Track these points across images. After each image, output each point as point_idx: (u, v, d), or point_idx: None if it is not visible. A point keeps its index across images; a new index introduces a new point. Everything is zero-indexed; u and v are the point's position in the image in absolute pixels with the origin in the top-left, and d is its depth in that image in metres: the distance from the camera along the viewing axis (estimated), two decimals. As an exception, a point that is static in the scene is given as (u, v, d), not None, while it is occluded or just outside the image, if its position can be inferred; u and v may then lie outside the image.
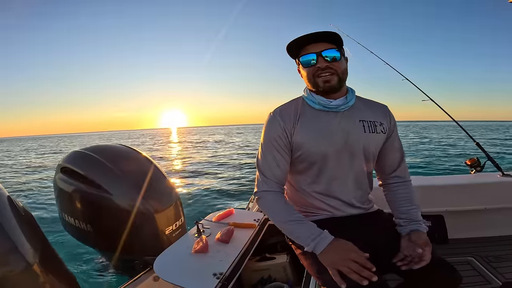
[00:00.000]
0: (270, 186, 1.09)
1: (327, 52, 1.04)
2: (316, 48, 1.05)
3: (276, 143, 1.10)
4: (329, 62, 1.05)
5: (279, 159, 1.10)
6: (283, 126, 1.09)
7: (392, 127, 1.18)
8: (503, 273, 1.67)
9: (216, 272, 1.07)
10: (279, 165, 1.10)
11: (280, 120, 1.10)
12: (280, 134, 1.09)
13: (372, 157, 1.15)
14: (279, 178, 1.10)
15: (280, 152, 1.10)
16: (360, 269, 0.87)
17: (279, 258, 1.47)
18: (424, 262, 0.95)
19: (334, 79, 1.06)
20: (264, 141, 1.12)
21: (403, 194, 1.17)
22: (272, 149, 1.10)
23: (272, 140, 1.10)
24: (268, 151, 1.11)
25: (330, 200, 1.14)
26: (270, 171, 1.10)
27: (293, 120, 1.10)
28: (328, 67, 1.05)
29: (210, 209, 5.32)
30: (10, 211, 1.12)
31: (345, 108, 1.10)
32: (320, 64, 1.05)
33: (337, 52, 1.05)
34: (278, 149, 1.10)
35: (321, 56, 1.05)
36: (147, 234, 1.60)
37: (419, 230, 1.05)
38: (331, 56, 1.05)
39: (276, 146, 1.10)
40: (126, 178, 1.61)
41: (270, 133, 1.11)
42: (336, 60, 1.05)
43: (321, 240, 0.96)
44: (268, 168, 1.10)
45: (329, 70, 1.05)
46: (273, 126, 1.10)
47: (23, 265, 1.02)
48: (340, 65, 1.07)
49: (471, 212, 2.05)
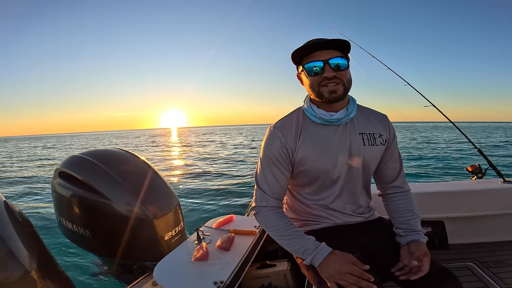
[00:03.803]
0: (268, 203, 1.07)
1: (334, 60, 0.99)
2: (324, 56, 1.00)
3: (276, 159, 1.07)
4: (336, 71, 1.00)
5: (278, 176, 1.08)
6: (283, 142, 1.06)
7: (392, 138, 1.16)
8: (503, 278, 1.67)
9: (217, 280, 1.06)
10: (279, 181, 1.08)
11: (281, 135, 1.06)
12: (280, 150, 1.06)
13: (372, 169, 1.15)
14: (277, 194, 1.09)
15: (280, 169, 1.08)
16: (358, 281, 0.86)
17: (279, 266, 1.46)
18: (422, 273, 0.94)
19: (340, 89, 1.01)
20: (263, 156, 1.10)
21: (402, 204, 1.16)
22: (272, 165, 1.08)
23: (271, 155, 1.07)
24: (267, 167, 1.08)
25: (331, 210, 1.13)
26: (269, 187, 1.08)
27: (295, 135, 1.07)
28: (335, 77, 1.00)
29: (210, 214, 5.29)
30: (7, 216, 1.11)
31: (346, 121, 1.08)
32: (328, 74, 0.99)
33: (344, 61, 1.00)
34: (278, 165, 1.07)
35: (328, 64, 0.99)
36: (146, 239, 1.58)
37: (418, 240, 1.05)
38: (339, 65, 1.00)
39: (275, 162, 1.07)
40: (124, 183, 1.60)
41: (270, 148, 1.08)
42: (343, 69, 1.01)
43: (318, 253, 0.95)
44: (267, 184, 1.08)
45: (335, 80, 1.00)
46: (274, 142, 1.07)
47: (21, 271, 1.01)
48: (347, 74, 1.02)
49: (472, 218, 2.05)
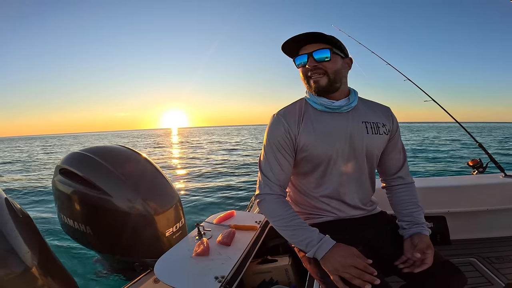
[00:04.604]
0: (272, 189, 1.07)
1: (317, 53, 1.04)
2: (309, 49, 1.05)
3: (280, 145, 1.07)
4: (317, 62, 1.04)
5: (282, 162, 1.08)
6: (287, 128, 1.07)
7: (395, 129, 1.17)
8: (505, 274, 1.67)
9: (218, 275, 1.06)
10: (283, 167, 1.08)
11: (284, 121, 1.08)
12: (284, 136, 1.07)
13: (375, 159, 1.15)
14: (282, 181, 1.09)
15: (284, 154, 1.08)
16: (362, 274, 0.86)
17: (281, 261, 1.46)
18: (425, 266, 0.94)
19: (323, 80, 1.05)
20: (267, 143, 1.10)
21: (406, 196, 1.16)
22: (276, 151, 1.08)
23: (275, 142, 1.08)
24: (271, 153, 1.09)
25: (334, 202, 1.13)
26: (273, 174, 1.07)
27: (298, 121, 1.08)
28: (316, 67, 1.04)
29: (211, 210, 5.30)
30: (7, 213, 1.11)
31: (347, 109, 1.09)
32: (309, 64, 1.05)
33: (327, 52, 1.03)
34: (282, 151, 1.08)
35: (311, 57, 1.04)
36: (147, 236, 1.58)
37: (421, 233, 1.05)
38: (320, 57, 1.03)
39: (279, 148, 1.08)
40: (125, 180, 1.59)
41: (273, 135, 1.09)
42: (326, 60, 1.04)
43: (322, 245, 0.95)
44: (271, 171, 1.08)
45: (318, 70, 1.04)
46: (277, 128, 1.08)
47: (22, 268, 1.01)
48: (331, 65, 1.05)
49: (473, 213, 2.04)
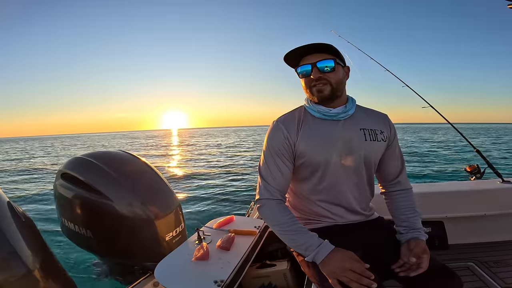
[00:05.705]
0: (272, 194, 1.09)
1: (321, 63, 1.05)
2: (312, 59, 1.06)
3: (279, 151, 1.10)
4: (322, 73, 1.06)
5: (282, 167, 1.10)
6: (286, 135, 1.09)
7: (393, 136, 1.19)
8: (503, 278, 1.67)
9: (217, 279, 1.07)
10: (282, 173, 1.10)
11: (284, 128, 1.10)
12: (283, 142, 1.09)
13: (373, 165, 1.17)
14: (281, 186, 1.10)
15: (283, 160, 1.10)
16: (359, 278, 0.87)
17: (279, 265, 1.47)
18: (421, 270, 0.95)
19: (326, 89, 1.07)
20: (267, 149, 1.13)
21: (404, 202, 1.18)
22: (275, 157, 1.10)
23: (275, 147, 1.10)
24: (271, 159, 1.11)
25: (332, 207, 1.15)
26: (273, 179, 1.09)
27: (296, 128, 1.10)
28: (321, 78, 1.06)
29: (211, 215, 5.29)
30: (10, 216, 1.13)
31: (345, 117, 1.11)
32: (314, 75, 1.06)
33: (331, 63, 1.06)
34: (281, 157, 1.10)
35: (316, 67, 1.06)
36: (147, 240, 1.60)
37: (418, 238, 1.06)
38: (325, 67, 1.06)
39: (279, 153, 1.10)
40: (126, 184, 1.61)
41: (273, 141, 1.11)
42: (330, 70, 1.06)
43: (322, 250, 0.96)
44: (271, 176, 1.10)
45: (322, 80, 1.06)
46: (277, 134, 1.11)
47: (23, 270, 1.03)
48: (335, 76, 1.07)
49: (471, 218, 2.05)
